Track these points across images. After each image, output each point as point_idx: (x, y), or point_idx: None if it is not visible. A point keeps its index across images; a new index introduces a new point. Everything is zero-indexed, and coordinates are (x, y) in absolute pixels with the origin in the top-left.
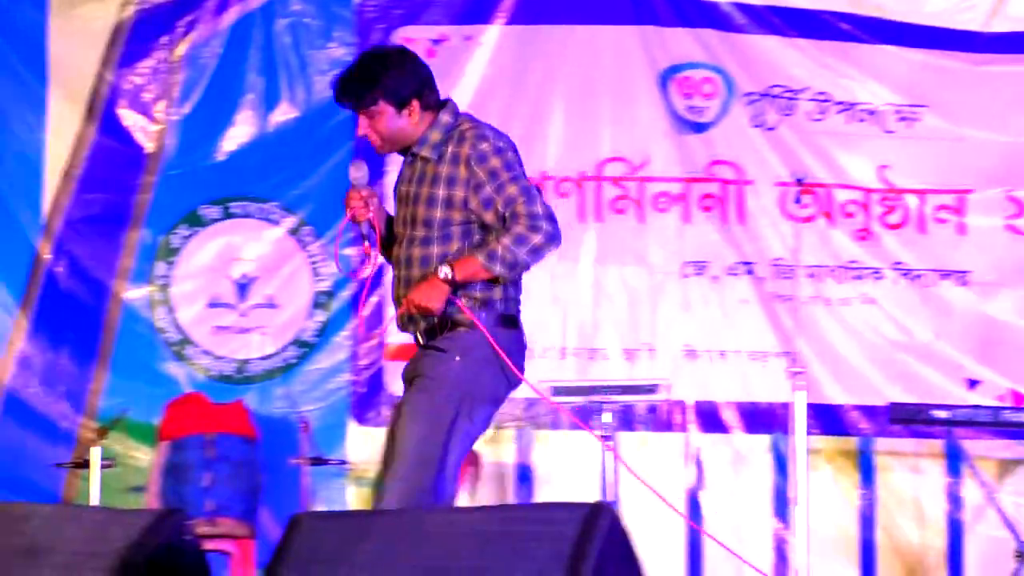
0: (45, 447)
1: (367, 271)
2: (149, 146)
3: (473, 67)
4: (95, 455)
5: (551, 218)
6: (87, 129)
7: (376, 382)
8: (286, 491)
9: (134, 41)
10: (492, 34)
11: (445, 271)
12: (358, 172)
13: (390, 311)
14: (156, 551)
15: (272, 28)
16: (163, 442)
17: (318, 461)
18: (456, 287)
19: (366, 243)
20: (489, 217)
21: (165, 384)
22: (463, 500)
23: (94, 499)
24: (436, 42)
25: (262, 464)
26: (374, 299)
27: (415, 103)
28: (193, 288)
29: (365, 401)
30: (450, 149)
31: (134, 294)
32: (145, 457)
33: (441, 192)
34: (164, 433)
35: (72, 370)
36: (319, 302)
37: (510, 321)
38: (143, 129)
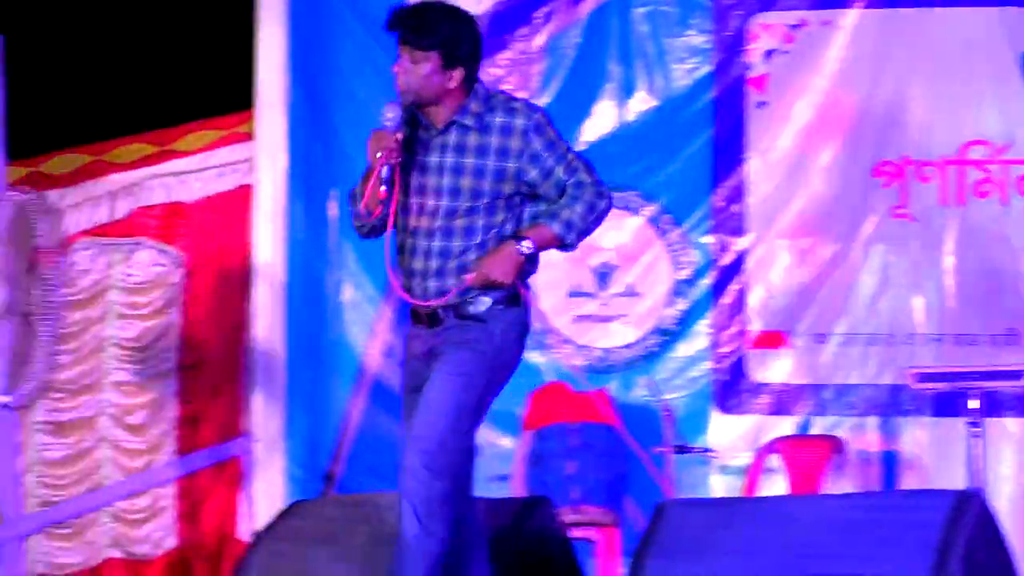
0: None
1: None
2: None
3: (832, 52)
4: None
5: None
6: None
7: (738, 370)
8: (650, 479)
9: (493, 33)
10: (851, 18)
11: (527, 244)
12: (392, 114)
13: (751, 299)
14: (524, 539)
15: (629, 16)
16: (527, 431)
17: (682, 449)
18: (529, 261)
19: (383, 188)
20: (547, 187)
21: (527, 374)
22: (829, 487)
23: None
24: (794, 27)
25: (625, 453)
26: (735, 287)
27: (459, 72)
28: (553, 277)
29: (727, 389)
30: (497, 120)
31: None
32: (509, 446)
33: (491, 163)
34: (528, 422)
35: None
36: (679, 290)
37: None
38: None
